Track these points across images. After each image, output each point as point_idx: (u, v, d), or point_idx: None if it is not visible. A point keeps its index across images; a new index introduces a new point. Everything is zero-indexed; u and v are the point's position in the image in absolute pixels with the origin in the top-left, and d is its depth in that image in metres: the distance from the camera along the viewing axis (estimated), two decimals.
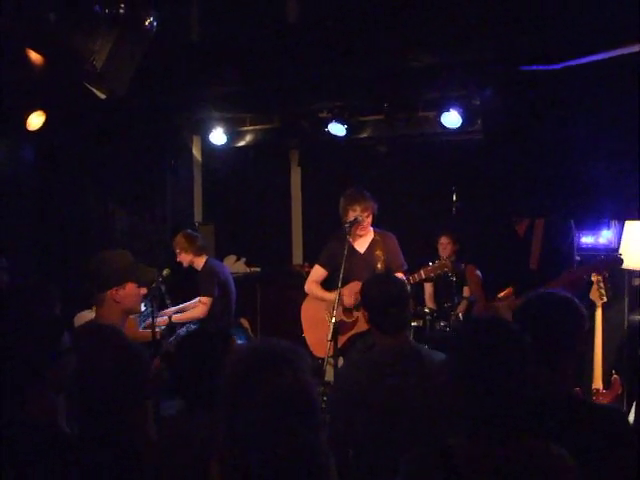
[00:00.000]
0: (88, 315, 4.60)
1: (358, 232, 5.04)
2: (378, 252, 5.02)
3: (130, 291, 3.21)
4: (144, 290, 3.39)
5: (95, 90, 4.31)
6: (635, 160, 5.20)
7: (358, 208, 4.97)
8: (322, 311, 5.05)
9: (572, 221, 4.55)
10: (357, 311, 4.81)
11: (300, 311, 5.37)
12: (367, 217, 5.02)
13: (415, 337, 5.99)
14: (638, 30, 4.49)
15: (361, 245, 5.13)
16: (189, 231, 6.33)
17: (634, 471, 2.24)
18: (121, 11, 3.84)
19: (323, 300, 5.08)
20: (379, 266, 4.97)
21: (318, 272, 5.25)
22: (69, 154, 6.32)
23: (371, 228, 5.14)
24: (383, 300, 3.15)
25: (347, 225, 4.92)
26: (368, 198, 5.02)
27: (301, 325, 5.33)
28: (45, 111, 5.45)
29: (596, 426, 2.25)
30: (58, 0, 4.13)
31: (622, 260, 4.31)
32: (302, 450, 1.79)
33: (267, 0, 4.65)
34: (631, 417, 4.04)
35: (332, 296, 4.78)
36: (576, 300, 2.46)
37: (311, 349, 5.17)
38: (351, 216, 4.97)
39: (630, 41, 4.71)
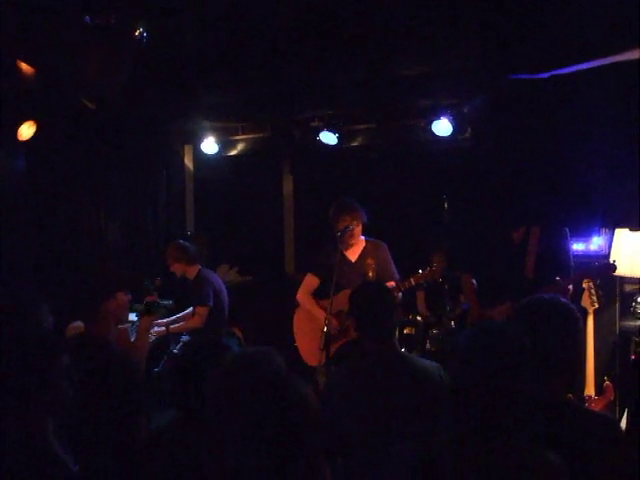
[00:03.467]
0: (80, 326, 4.59)
1: (349, 241, 5.07)
2: (369, 261, 5.05)
3: (121, 301, 3.22)
4: (129, 296, 3.41)
5: (85, 100, 4.32)
6: (626, 167, 5.23)
7: (348, 218, 5.01)
8: (314, 320, 5.06)
9: (566, 229, 4.56)
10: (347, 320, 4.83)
11: (292, 320, 5.38)
12: (357, 226, 5.05)
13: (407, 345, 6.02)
14: (624, 39, 4.53)
15: (353, 254, 5.16)
16: (181, 241, 6.32)
17: (627, 478, 2.25)
18: (111, 22, 3.85)
19: (314, 315, 5.10)
20: (370, 275, 4.99)
21: (310, 281, 5.26)
22: (60, 164, 6.30)
23: (362, 237, 5.16)
24: (370, 308, 3.19)
25: (339, 234, 4.95)
26: (357, 208, 5.07)
27: (293, 334, 5.33)
28: (36, 121, 5.44)
29: (589, 433, 2.26)
30: (49, 11, 4.14)
31: (616, 267, 4.32)
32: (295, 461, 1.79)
33: (258, 10, 4.67)
34: (623, 423, 4.05)
35: (322, 313, 4.82)
36: (573, 306, 2.46)
37: (303, 358, 5.17)
38: (342, 226, 4.99)
39: (617, 50, 4.75)
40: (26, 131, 5.45)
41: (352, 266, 5.10)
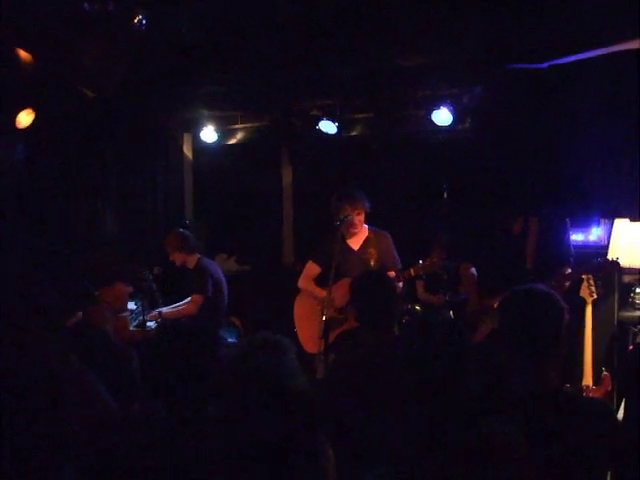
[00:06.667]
0: (80, 315, 4.59)
1: (351, 230, 5.11)
2: (371, 250, 5.09)
3: (119, 291, 3.21)
4: (131, 288, 3.40)
5: (83, 88, 4.29)
6: (626, 157, 5.23)
7: (348, 207, 5.05)
8: (314, 307, 5.09)
9: (567, 219, 4.55)
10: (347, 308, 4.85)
11: (292, 307, 5.40)
12: (357, 215, 5.07)
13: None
14: (624, 29, 4.51)
15: (355, 243, 5.19)
16: (181, 230, 6.32)
17: (620, 462, 2.28)
18: (110, 9, 3.83)
19: (315, 297, 5.12)
20: (372, 264, 5.03)
21: (312, 269, 5.29)
22: (58, 153, 6.29)
23: (366, 226, 5.19)
24: (371, 297, 3.20)
25: (337, 223, 4.99)
26: (359, 198, 5.08)
27: (293, 321, 5.36)
28: (34, 109, 5.42)
29: (582, 418, 2.28)
30: None
31: (619, 264, 4.30)
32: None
33: None
34: (620, 414, 4.06)
35: (324, 293, 4.83)
36: (555, 294, 2.48)
37: (302, 344, 5.20)
38: (341, 215, 5.02)
39: (616, 39, 4.74)
40: (24, 119, 5.44)
41: (354, 255, 5.14)
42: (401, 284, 4.97)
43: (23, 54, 4.74)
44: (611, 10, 4.41)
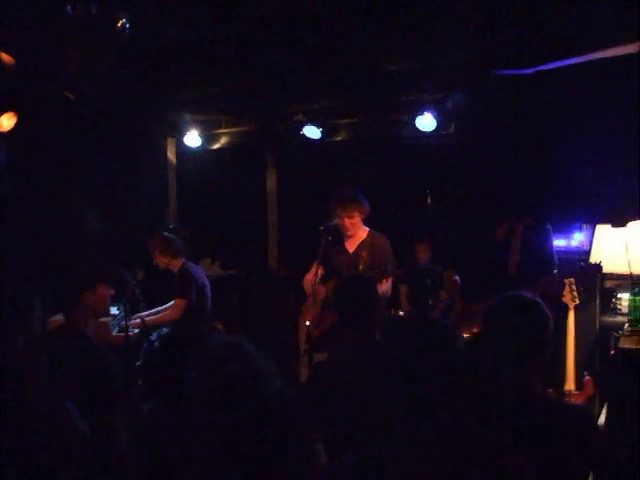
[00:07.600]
0: (60, 320, 4.56)
1: (343, 232, 5.15)
2: (364, 253, 5.12)
3: (101, 293, 3.22)
4: (112, 291, 3.40)
5: (66, 92, 4.28)
6: (610, 162, 5.26)
7: (340, 210, 5.07)
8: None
9: (549, 225, 4.57)
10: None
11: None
12: (348, 218, 5.09)
13: None
14: (609, 35, 4.55)
15: (351, 245, 5.24)
16: (165, 233, 6.29)
17: (600, 468, 2.29)
18: (93, 13, 3.81)
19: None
20: (360, 267, 5.04)
21: (314, 269, 5.32)
22: (41, 156, 6.25)
23: (367, 229, 5.21)
24: (350, 301, 3.20)
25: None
26: (353, 201, 5.10)
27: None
28: (17, 113, 5.39)
29: (562, 424, 2.29)
30: (30, 1, 4.10)
31: (602, 267, 4.33)
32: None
33: (243, 3, 4.65)
34: (602, 418, 4.08)
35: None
36: (541, 301, 2.49)
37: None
38: (336, 217, 5.08)
39: (601, 46, 4.77)
40: (6, 122, 5.40)
41: (348, 257, 5.20)
42: (387, 288, 5.01)
43: (5, 57, 4.71)
44: (596, 16, 4.45)
